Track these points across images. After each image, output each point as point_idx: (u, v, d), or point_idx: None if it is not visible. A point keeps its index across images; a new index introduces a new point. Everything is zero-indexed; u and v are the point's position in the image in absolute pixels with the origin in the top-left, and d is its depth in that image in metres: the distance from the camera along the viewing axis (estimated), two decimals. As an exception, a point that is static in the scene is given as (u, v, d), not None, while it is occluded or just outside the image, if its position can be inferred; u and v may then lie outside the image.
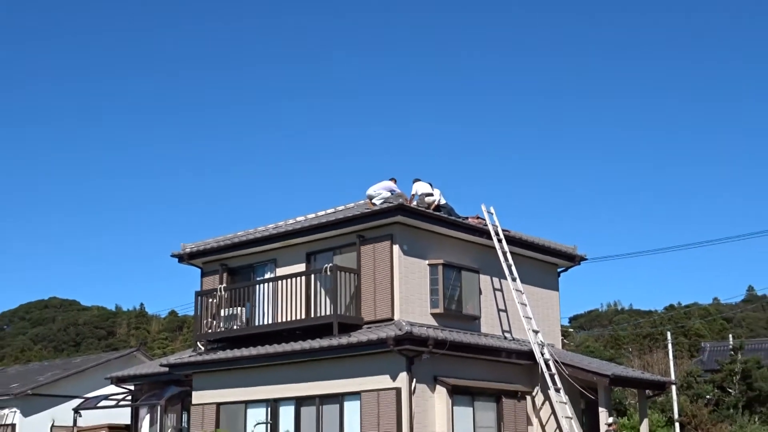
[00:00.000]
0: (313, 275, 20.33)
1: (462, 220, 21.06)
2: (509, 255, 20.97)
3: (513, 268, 20.89)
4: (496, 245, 20.93)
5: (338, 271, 19.69)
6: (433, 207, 20.60)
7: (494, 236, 21.02)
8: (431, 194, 20.77)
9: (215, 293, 21.87)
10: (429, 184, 20.99)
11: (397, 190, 20.30)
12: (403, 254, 19.55)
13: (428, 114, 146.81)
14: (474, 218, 21.47)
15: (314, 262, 20.95)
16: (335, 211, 21.97)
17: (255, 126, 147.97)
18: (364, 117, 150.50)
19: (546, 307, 22.84)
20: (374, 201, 20.17)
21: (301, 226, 21.18)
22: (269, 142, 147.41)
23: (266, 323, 20.90)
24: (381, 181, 20.62)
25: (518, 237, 22.09)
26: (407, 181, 21.13)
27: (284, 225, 22.06)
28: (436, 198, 20.82)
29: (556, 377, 19.68)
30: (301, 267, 20.97)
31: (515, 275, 20.86)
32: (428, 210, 20.35)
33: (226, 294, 21.74)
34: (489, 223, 21.20)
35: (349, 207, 22.01)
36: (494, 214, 21.44)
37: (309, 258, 21.09)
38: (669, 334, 46.89)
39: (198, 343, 22.54)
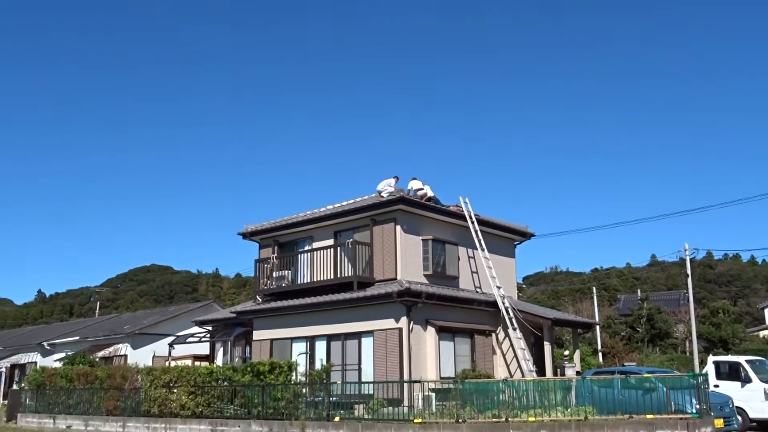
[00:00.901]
0: (339, 247, 20.30)
1: (445, 208, 20.97)
2: (479, 233, 20.89)
3: (482, 242, 20.81)
4: (470, 226, 20.86)
5: (357, 245, 19.69)
6: (425, 198, 20.52)
7: (469, 219, 20.95)
8: (423, 189, 20.68)
9: (269, 260, 21.85)
10: (421, 182, 20.90)
11: (397, 187, 20.22)
12: (404, 232, 19.50)
13: (429, 127, 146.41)
14: (454, 206, 21.37)
15: (340, 238, 20.90)
16: (354, 202, 21.88)
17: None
18: (377, 131, 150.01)
19: (506, 270, 22.75)
20: (382, 194, 20.12)
21: (330, 213, 21.11)
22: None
23: (305, 282, 20.89)
24: (386, 179, 20.54)
25: (486, 219, 21.97)
26: (406, 179, 21.07)
27: (318, 212, 22.00)
28: (427, 191, 20.74)
29: (513, 320, 19.66)
30: (330, 242, 20.93)
31: (484, 247, 20.79)
32: (421, 201, 20.31)
33: (277, 261, 21.72)
34: (465, 210, 21.12)
35: (365, 198, 21.90)
36: (468, 204, 21.35)
37: (336, 235, 21.04)
38: (594, 289, 46.97)
39: (257, 296, 22.54)
